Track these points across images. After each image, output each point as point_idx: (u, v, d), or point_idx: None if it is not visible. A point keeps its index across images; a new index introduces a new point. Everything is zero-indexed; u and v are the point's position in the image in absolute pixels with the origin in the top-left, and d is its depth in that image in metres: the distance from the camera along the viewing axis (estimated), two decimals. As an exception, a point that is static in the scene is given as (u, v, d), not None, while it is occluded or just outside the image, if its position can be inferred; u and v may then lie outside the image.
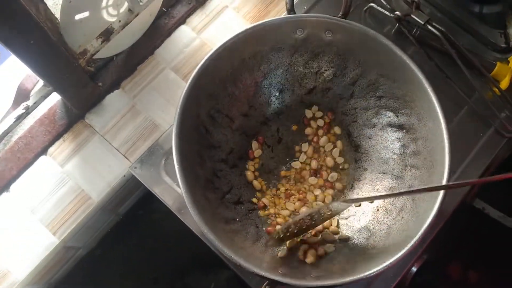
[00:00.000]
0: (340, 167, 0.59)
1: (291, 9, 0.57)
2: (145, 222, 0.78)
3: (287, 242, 0.52)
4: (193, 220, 0.45)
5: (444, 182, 0.47)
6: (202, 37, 0.69)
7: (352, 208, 0.56)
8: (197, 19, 0.69)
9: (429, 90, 0.50)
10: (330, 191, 0.58)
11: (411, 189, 0.52)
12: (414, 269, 0.59)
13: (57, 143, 0.63)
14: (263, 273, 0.43)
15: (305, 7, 0.68)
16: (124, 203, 0.74)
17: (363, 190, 0.57)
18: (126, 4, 0.57)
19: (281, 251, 0.52)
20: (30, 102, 0.56)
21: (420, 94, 0.51)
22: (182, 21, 0.69)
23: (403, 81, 0.53)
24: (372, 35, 0.52)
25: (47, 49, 0.49)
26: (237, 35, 0.52)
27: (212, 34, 0.69)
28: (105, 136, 0.64)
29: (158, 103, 0.65)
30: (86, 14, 0.55)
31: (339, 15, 0.54)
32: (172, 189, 0.59)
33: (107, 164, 0.63)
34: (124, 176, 0.63)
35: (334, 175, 0.59)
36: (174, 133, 0.47)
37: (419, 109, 0.53)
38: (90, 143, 0.64)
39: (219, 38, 0.63)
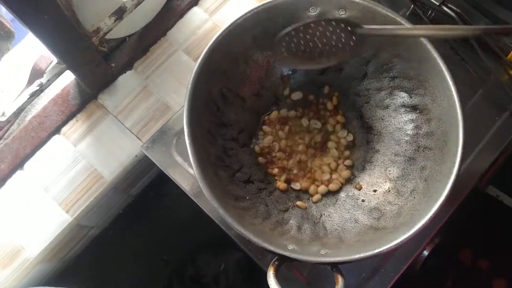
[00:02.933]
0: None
1: (304, -12, 0.56)
2: (157, 204, 0.78)
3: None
4: (204, 199, 0.45)
5: (457, 162, 0.47)
6: (214, 19, 0.68)
7: (363, 191, 0.55)
8: (209, 0, 0.69)
9: (444, 68, 0.49)
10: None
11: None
12: (425, 252, 0.58)
13: (70, 123, 0.64)
14: (272, 248, 0.43)
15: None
16: (136, 184, 0.75)
17: (374, 172, 0.57)
18: (139, -17, 0.58)
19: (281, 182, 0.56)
20: (44, 80, 0.57)
21: (435, 73, 0.50)
22: (195, 2, 0.69)
23: (417, 60, 0.52)
24: (386, 13, 0.52)
25: (60, 25, 0.49)
26: (249, 12, 0.52)
27: (224, 16, 0.68)
28: (118, 117, 0.64)
29: (170, 85, 0.65)
30: (99, -8, 0.55)
31: (353, -7, 0.54)
32: (183, 168, 0.60)
33: (119, 144, 0.63)
34: (136, 156, 0.63)
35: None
36: (186, 107, 0.47)
37: (433, 89, 0.52)
38: (103, 123, 0.64)
39: (231, 20, 0.62)
